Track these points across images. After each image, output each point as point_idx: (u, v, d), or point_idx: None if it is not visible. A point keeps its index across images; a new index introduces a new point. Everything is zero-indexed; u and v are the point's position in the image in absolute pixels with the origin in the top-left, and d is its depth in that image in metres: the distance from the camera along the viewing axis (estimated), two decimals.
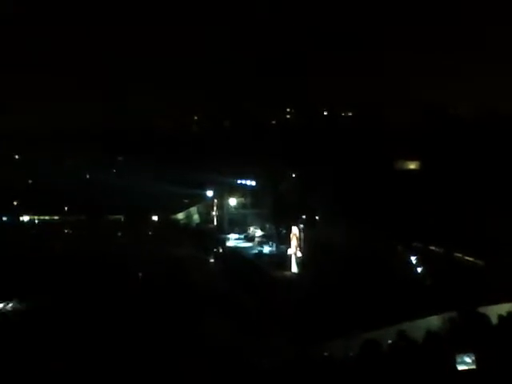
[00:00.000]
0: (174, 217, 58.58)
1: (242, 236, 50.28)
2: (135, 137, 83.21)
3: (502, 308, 18.93)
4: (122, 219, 57.01)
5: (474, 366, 13.92)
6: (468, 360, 14.32)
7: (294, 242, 37.37)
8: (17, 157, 79.93)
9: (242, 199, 56.77)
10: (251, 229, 50.43)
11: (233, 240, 49.60)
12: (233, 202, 56.48)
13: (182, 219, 59.02)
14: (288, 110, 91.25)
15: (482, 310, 19.12)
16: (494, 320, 17.02)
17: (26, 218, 56.45)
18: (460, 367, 13.92)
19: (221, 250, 45.12)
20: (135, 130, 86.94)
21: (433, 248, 33.63)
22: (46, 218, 56.83)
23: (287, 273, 36.72)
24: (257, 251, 43.98)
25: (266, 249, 44.38)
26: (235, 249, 46.50)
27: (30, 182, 69.18)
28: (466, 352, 13.65)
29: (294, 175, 56.53)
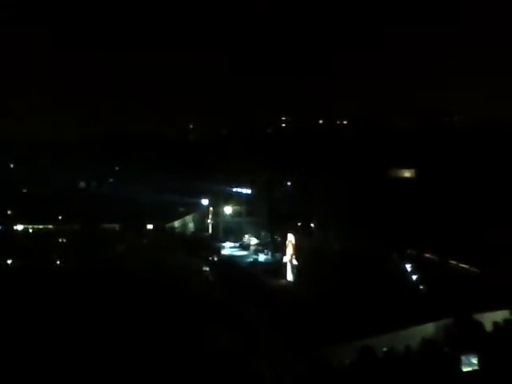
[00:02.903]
0: (169, 225, 58.49)
1: (237, 244, 50.24)
2: (131, 146, 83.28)
3: (497, 315, 18.94)
4: (118, 228, 56.83)
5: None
6: (474, 361, 14.18)
7: (289, 250, 37.32)
8: (11, 165, 79.75)
9: (238, 207, 56.75)
10: (246, 237, 50.42)
11: (228, 248, 49.53)
12: (228, 210, 56.45)
13: (177, 227, 58.95)
14: (283, 118, 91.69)
15: (477, 316, 19.12)
16: (489, 327, 17.03)
17: (19, 227, 56.16)
18: (466, 368, 13.76)
19: (216, 259, 45.00)
20: (131, 139, 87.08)
21: (428, 255, 33.68)
22: (40, 226, 56.56)
23: (283, 281, 36.67)
24: (252, 259, 43.97)
25: (262, 257, 44.36)
26: (230, 257, 46.41)
27: (24, 190, 68.99)
28: (469, 353, 13.52)
29: (289, 183, 56.60)
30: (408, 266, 32.24)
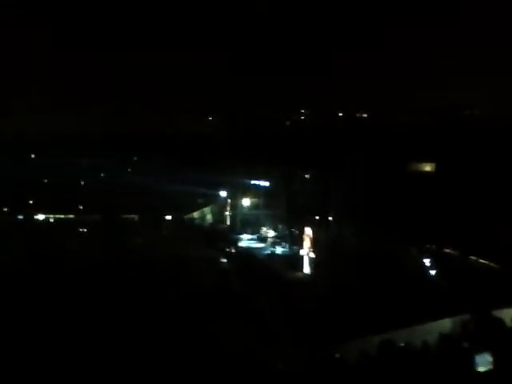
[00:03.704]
0: (187, 216, 58.90)
1: (255, 236, 50.33)
2: (151, 137, 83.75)
3: None
4: (137, 219, 57.43)
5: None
6: (490, 359, 13.83)
7: (306, 243, 37.28)
8: (32, 156, 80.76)
9: (255, 200, 56.81)
10: (264, 229, 50.43)
11: (245, 240, 49.65)
12: (246, 202, 56.54)
13: (195, 219, 59.33)
14: (302, 111, 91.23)
15: (496, 313, 18.91)
16: (508, 322, 16.84)
17: (41, 217, 57.07)
18: (481, 368, 13.45)
19: (233, 250, 45.21)
20: (151, 131, 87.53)
21: (447, 250, 33.38)
22: (61, 216, 57.41)
23: (300, 274, 36.69)
24: (269, 252, 44.04)
25: (279, 249, 44.38)
26: (247, 249, 46.56)
27: (45, 181, 69.90)
28: (483, 351, 13.27)
29: (307, 176, 56.42)
30: (427, 261, 31.99)
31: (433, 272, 31.27)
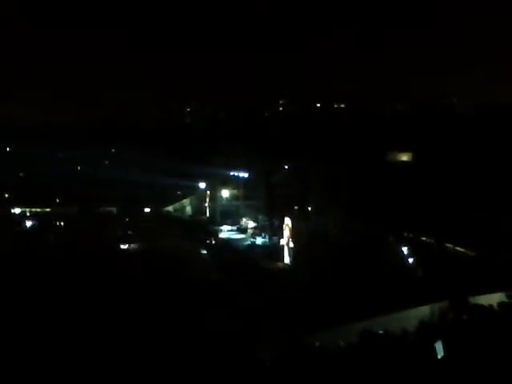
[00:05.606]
0: (166, 208, 58.62)
1: (235, 227, 50.37)
2: (128, 128, 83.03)
3: (493, 298, 19.05)
4: (115, 211, 56.95)
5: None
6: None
7: (286, 233, 37.43)
8: (8, 149, 79.54)
9: (235, 191, 56.76)
10: (244, 220, 50.52)
11: (225, 231, 49.65)
12: (225, 193, 56.46)
13: (174, 211, 59.08)
14: (281, 101, 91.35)
15: (473, 299, 19.22)
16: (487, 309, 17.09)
17: (17, 211, 56.25)
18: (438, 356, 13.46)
19: (213, 242, 45.18)
20: (127, 122, 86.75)
21: (424, 239, 33.76)
22: (38, 210, 56.64)
23: (280, 263, 36.85)
24: (249, 242, 44.13)
25: (259, 240, 44.49)
26: (228, 240, 46.55)
27: (21, 174, 68.93)
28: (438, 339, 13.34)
29: (286, 166, 56.49)
30: (405, 249, 32.33)
31: (411, 260, 31.63)
